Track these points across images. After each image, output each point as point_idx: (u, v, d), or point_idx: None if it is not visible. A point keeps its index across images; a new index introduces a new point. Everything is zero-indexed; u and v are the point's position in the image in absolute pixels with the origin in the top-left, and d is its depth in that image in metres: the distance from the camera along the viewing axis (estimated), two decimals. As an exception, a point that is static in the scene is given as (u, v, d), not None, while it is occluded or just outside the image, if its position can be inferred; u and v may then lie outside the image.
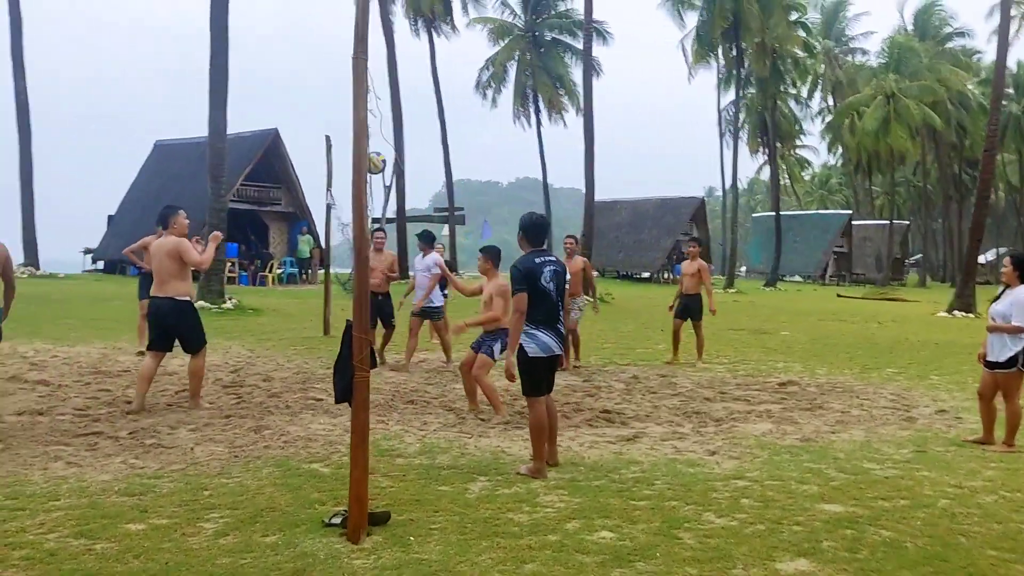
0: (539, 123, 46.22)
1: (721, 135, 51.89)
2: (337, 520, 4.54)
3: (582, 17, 28.68)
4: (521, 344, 5.67)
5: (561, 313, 5.83)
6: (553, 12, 46.04)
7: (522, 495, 5.24)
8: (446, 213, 38.65)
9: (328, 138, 13.89)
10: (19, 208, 27.63)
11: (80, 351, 11.41)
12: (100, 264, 32.94)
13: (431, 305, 10.67)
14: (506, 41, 46.54)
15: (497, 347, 7.63)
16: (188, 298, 7.88)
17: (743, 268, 65.06)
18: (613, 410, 8.20)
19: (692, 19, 43.92)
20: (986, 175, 24.93)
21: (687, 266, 12.26)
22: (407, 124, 33.91)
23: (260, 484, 5.34)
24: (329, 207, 14.21)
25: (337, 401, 4.77)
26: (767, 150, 53.37)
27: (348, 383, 4.55)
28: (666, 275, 44.84)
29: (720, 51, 44.27)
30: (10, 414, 7.29)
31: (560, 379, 9.95)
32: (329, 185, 14.02)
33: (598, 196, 27.78)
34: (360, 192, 4.57)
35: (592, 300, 11.99)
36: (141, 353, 10.13)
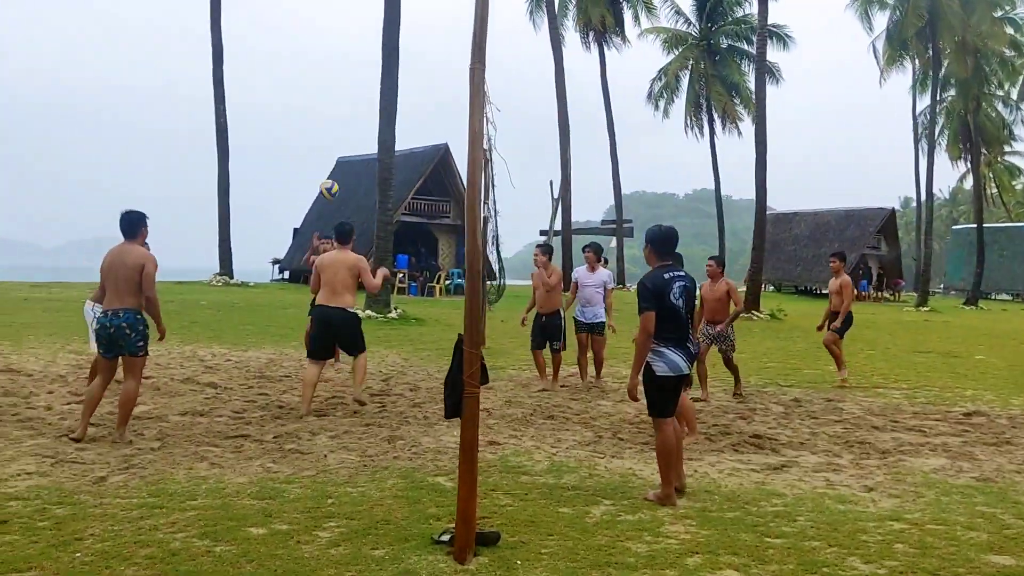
0: (712, 133, 45.06)
1: (916, 141, 48.48)
2: (446, 538, 4.43)
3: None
4: (648, 362, 5.41)
5: (691, 331, 5.55)
6: (730, 19, 44.80)
7: (645, 523, 4.93)
8: (614, 225, 38.33)
9: (486, 151, 14.01)
10: (216, 222, 29.89)
11: (251, 355, 12.07)
12: (286, 274, 35.12)
13: (598, 320, 10.44)
14: (679, 50, 45.75)
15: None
16: (356, 310, 8.42)
17: (941, 285, 60.40)
18: (765, 435, 7.66)
19: (882, 20, 41.44)
20: None
21: (831, 283, 11.63)
22: (577, 137, 33.92)
23: (382, 495, 5.34)
24: (486, 220, 14.32)
25: (446, 416, 4.67)
26: (969, 157, 49.22)
27: (458, 399, 4.45)
28: (850, 291, 42.26)
29: (914, 52, 41.39)
30: (175, 414, 7.75)
31: (712, 400, 9.53)
32: (486, 198, 14.15)
33: (779, 208, 26.57)
34: (473, 204, 4.47)
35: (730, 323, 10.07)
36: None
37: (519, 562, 4.24)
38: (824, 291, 42.45)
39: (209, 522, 4.69)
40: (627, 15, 41.00)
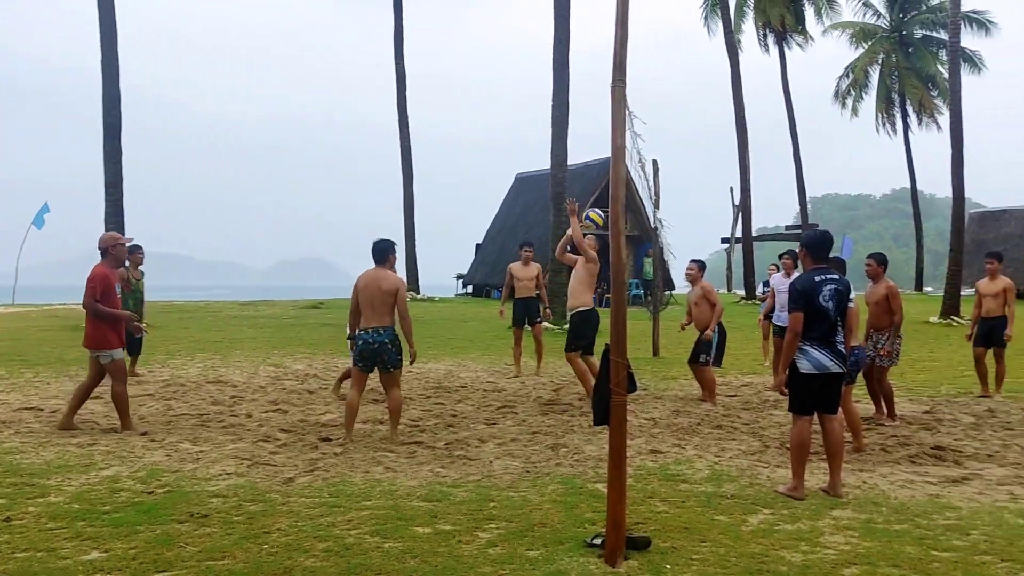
0: (907, 128, 42.41)
1: None
2: (598, 541, 4.57)
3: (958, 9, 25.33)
4: (794, 360, 5.64)
5: (840, 332, 5.64)
6: (924, 7, 42.03)
7: (804, 532, 4.85)
8: (799, 231, 36.80)
9: (655, 161, 14.04)
10: (403, 240, 31.43)
11: (431, 367, 12.68)
12: (469, 288, 36.34)
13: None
14: (868, 44, 43.47)
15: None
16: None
17: None
18: (948, 447, 7.23)
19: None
20: None
21: (988, 286, 10.43)
22: (761, 141, 33.03)
23: (541, 500, 5.54)
24: (657, 229, 14.35)
25: (595, 423, 4.82)
26: None
27: (606, 406, 4.58)
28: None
29: None
30: (358, 422, 8.31)
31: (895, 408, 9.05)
32: (656, 206, 14.18)
33: (989, 204, 24.58)
34: (616, 218, 4.59)
35: (890, 338, 8.44)
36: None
37: (668, 567, 4.31)
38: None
39: (380, 521, 5.07)
40: (808, 12, 39.39)
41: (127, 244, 8.27)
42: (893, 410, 8.61)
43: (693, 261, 10.17)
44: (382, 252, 7.58)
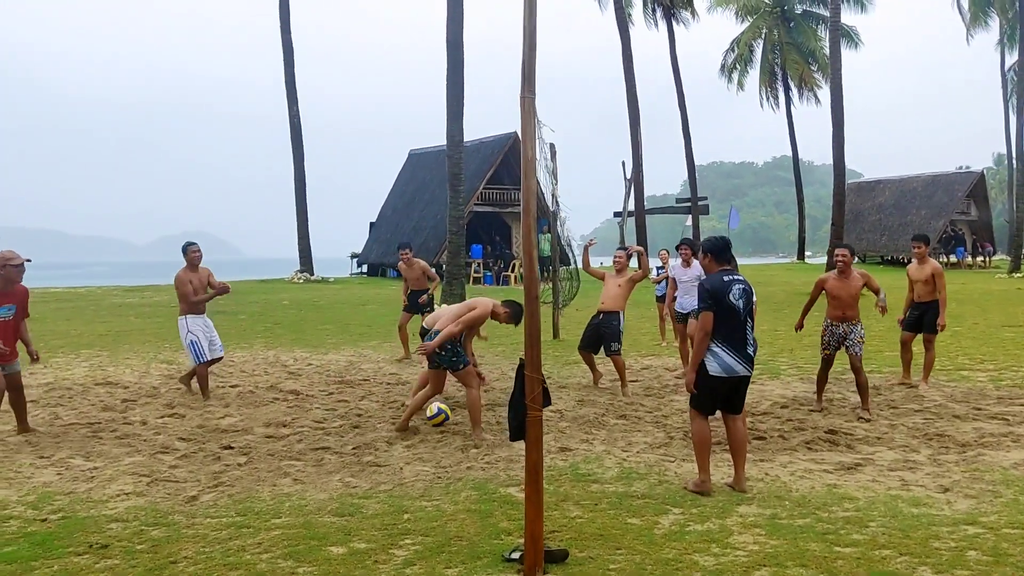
0: (788, 101, 44.05)
1: (1006, 99, 46.45)
2: (516, 556, 4.57)
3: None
4: (703, 360, 5.74)
5: (749, 333, 5.79)
6: (803, -17, 43.57)
7: (714, 533, 4.98)
8: (688, 203, 37.76)
9: (552, 145, 14.06)
10: (295, 220, 30.65)
11: (331, 359, 12.43)
12: (364, 268, 35.83)
13: (695, 308, 10.32)
14: (752, 19, 44.78)
15: None
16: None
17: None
18: (840, 430, 7.58)
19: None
20: None
21: (916, 270, 10.04)
22: (650, 113, 33.59)
23: (456, 509, 5.50)
24: (555, 212, 14.44)
25: (511, 439, 4.80)
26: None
27: (521, 421, 4.56)
28: (941, 259, 40.96)
29: (999, 7, 39.51)
30: (260, 425, 8.08)
31: (788, 391, 9.44)
32: (555, 196, 14.25)
33: (865, 169, 25.67)
34: (528, 231, 4.54)
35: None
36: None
37: (586, 579, 4.35)
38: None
39: (292, 541, 4.92)
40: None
41: (21, 264, 7.39)
42: (865, 402, 8.36)
43: (620, 249, 10.27)
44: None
